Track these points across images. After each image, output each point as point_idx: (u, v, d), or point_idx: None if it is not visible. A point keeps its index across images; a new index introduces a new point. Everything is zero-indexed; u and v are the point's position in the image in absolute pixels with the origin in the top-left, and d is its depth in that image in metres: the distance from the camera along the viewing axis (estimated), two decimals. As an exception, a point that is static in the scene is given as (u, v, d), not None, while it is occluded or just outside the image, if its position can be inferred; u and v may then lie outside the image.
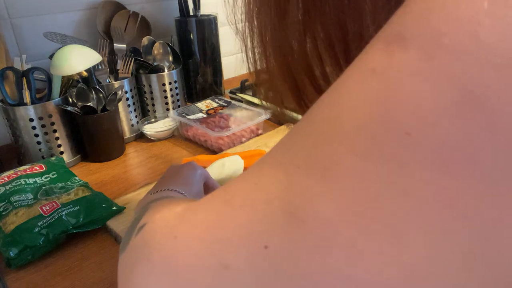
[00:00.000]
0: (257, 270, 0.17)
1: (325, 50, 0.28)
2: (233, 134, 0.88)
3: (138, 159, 0.87)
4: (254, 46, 0.31)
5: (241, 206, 0.19)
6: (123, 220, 0.63)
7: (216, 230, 0.19)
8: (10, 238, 0.55)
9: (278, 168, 0.18)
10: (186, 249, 0.20)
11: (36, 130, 0.79)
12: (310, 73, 0.29)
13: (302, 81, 0.30)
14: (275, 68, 0.31)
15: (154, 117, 0.99)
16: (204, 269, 0.19)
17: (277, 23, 0.28)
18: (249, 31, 0.31)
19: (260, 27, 0.30)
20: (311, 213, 0.16)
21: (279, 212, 0.17)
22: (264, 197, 0.18)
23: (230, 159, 0.74)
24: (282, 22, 0.28)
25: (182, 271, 0.20)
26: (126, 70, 0.94)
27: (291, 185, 0.17)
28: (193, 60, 1.12)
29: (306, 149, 0.17)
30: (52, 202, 0.61)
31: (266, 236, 0.17)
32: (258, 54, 0.31)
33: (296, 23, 0.27)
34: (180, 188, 0.46)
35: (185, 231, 0.21)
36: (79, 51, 0.80)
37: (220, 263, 0.18)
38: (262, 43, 0.30)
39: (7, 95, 0.78)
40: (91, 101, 0.84)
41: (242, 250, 0.18)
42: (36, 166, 0.71)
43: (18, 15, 0.90)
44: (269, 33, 0.29)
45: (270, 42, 0.30)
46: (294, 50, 0.29)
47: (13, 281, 0.54)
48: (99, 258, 0.57)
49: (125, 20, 1.02)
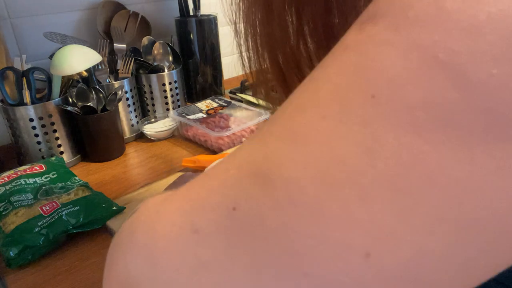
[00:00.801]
0: (226, 231, 0.18)
1: (313, 44, 0.29)
2: (233, 134, 0.88)
3: (138, 159, 0.87)
4: (248, 45, 0.32)
5: (216, 174, 0.20)
6: (123, 220, 0.63)
7: (192, 199, 0.20)
8: (10, 238, 0.55)
9: (255, 138, 0.19)
10: (164, 220, 0.21)
11: (36, 130, 0.79)
12: (299, 70, 0.30)
13: (292, 79, 0.31)
14: (268, 67, 0.32)
15: (154, 117, 0.99)
16: (177, 236, 0.19)
17: (265, 16, 0.29)
18: (244, 30, 0.32)
19: (250, 22, 0.31)
20: (278, 174, 0.16)
21: (247, 174, 0.18)
22: (237, 163, 0.19)
23: (230, 159, 0.74)
24: (269, 15, 0.29)
25: (159, 240, 0.20)
26: (126, 70, 0.94)
27: (262, 149, 0.18)
28: (193, 60, 1.12)
29: (283, 119, 0.18)
30: (52, 202, 0.61)
31: (235, 198, 0.18)
32: (252, 53, 0.32)
33: (283, 14, 0.29)
34: None
35: (166, 205, 0.22)
36: (79, 51, 0.81)
37: (191, 229, 0.19)
38: (254, 41, 0.31)
39: (7, 95, 0.78)
40: (91, 101, 0.84)
41: (211, 214, 0.18)
42: (36, 166, 0.71)
43: (18, 15, 0.90)
44: (258, 28, 0.30)
45: (260, 37, 0.31)
46: (283, 44, 0.30)
47: (13, 281, 0.54)
48: (99, 258, 0.57)
49: (125, 20, 1.02)
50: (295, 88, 0.25)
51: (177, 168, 0.81)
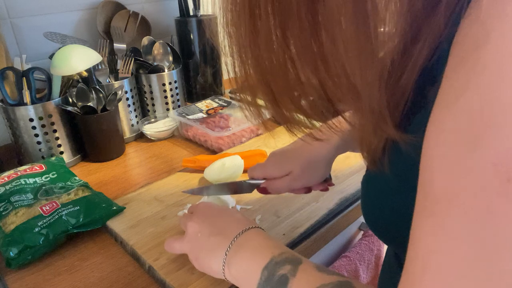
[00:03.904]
0: None
1: (299, 60, 0.30)
2: (233, 134, 0.88)
3: (138, 159, 0.87)
4: (233, 56, 0.33)
5: None
6: (123, 220, 0.63)
7: None
8: (10, 238, 0.55)
9: None
10: None
11: (36, 130, 0.79)
12: (285, 82, 0.31)
13: (276, 86, 0.32)
14: (253, 75, 0.32)
15: (154, 117, 0.99)
16: None
17: (252, 41, 0.30)
18: (228, 46, 0.32)
19: (238, 45, 0.32)
20: None
21: None
22: None
23: (230, 159, 0.74)
24: (256, 40, 0.30)
25: None
26: (126, 70, 0.94)
27: None
28: (193, 60, 1.12)
29: None
30: (52, 202, 0.61)
31: None
32: (237, 62, 0.33)
33: (269, 40, 0.29)
34: (247, 223, 0.48)
35: None
36: (79, 51, 0.81)
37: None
38: (240, 55, 0.32)
39: (7, 95, 0.78)
40: (91, 101, 0.84)
41: None
42: (36, 166, 0.71)
43: (18, 15, 0.90)
44: (245, 50, 0.31)
45: (245, 55, 0.32)
46: (269, 60, 0.31)
47: (13, 281, 0.54)
48: (99, 258, 0.57)
49: (125, 20, 1.02)
50: (281, 98, 0.26)
51: (177, 168, 0.81)
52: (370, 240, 0.80)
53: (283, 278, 0.39)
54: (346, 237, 0.81)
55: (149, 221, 0.63)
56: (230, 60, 0.33)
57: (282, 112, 0.34)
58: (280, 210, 0.64)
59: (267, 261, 0.41)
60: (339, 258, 0.77)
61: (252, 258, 0.43)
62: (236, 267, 0.43)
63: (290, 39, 0.29)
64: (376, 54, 0.28)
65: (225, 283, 0.50)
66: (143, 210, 0.66)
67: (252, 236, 0.45)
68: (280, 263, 0.40)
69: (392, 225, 0.35)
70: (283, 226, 0.60)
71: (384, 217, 0.35)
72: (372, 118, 0.30)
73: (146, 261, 0.54)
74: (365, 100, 0.29)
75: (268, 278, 0.40)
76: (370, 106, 0.29)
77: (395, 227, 0.34)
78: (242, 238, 0.45)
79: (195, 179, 0.75)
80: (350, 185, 0.70)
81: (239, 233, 0.45)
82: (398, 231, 0.34)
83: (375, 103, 0.29)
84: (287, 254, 0.42)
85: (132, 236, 0.59)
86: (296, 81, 0.31)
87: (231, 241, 0.45)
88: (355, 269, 0.76)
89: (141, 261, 0.55)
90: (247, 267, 0.42)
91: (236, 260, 0.44)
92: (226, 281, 0.46)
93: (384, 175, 0.34)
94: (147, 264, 0.54)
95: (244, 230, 0.46)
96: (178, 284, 0.50)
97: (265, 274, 0.40)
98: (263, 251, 0.43)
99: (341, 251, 0.81)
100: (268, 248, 0.43)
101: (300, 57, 0.29)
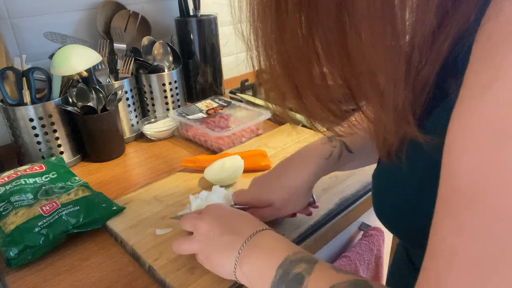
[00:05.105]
0: None
1: (324, 56, 0.29)
2: (233, 134, 0.88)
3: (138, 159, 0.87)
4: (259, 51, 0.32)
5: None
6: (123, 220, 0.63)
7: None
8: (10, 238, 0.55)
9: None
10: None
11: (36, 130, 0.79)
12: (309, 74, 0.30)
13: (301, 81, 0.31)
14: (278, 69, 0.32)
15: (154, 117, 0.99)
16: None
17: (278, 36, 0.30)
18: (254, 42, 0.32)
19: (263, 40, 0.31)
20: None
21: None
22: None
23: (230, 159, 0.74)
24: (282, 35, 0.30)
25: None
26: (126, 70, 0.94)
27: None
28: (193, 60, 1.12)
29: None
30: (52, 202, 0.61)
31: None
32: (262, 57, 0.32)
33: (295, 35, 0.29)
34: (260, 225, 0.48)
35: None
36: (79, 51, 0.81)
37: None
38: (265, 50, 0.32)
39: (7, 95, 0.78)
40: (91, 101, 0.84)
41: None
42: (36, 166, 0.71)
43: (18, 15, 0.90)
44: (271, 45, 0.31)
45: (271, 50, 0.31)
46: (294, 56, 0.30)
47: (13, 281, 0.54)
48: (99, 258, 0.57)
49: (125, 20, 1.02)
50: (304, 90, 0.26)
51: (177, 168, 0.81)
52: (370, 240, 0.80)
53: (299, 276, 0.38)
54: (346, 237, 0.81)
55: (149, 221, 0.63)
56: (255, 54, 0.33)
57: (305, 107, 0.33)
58: (280, 210, 0.63)
59: (282, 260, 0.41)
60: (339, 258, 0.76)
61: (266, 257, 0.42)
62: (249, 266, 0.43)
63: (316, 34, 0.29)
64: (403, 48, 0.28)
65: (226, 283, 0.50)
66: (143, 210, 0.66)
67: (266, 236, 0.45)
68: (295, 261, 0.40)
69: (404, 218, 0.34)
70: (283, 226, 0.60)
71: (396, 210, 0.35)
72: (394, 115, 0.29)
73: (146, 261, 0.54)
74: (388, 96, 0.29)
75: (283, 276, 0.39)
76: (394, 102, 0.29)
77: (407, 220, 0.34)
78: (256, 237, 0.45)
79: (195, 179, 0.75)
80: (350, 185, 0.70)
81: (253, 233, 0.45)
82: (410, 224, 0.34)
83: (399, 98, 0.28)
84: (302, 253, 0.41)
85: (132, 236, 0.59)
86: (320, 77, 0.31)
87: (245, 240, 0.45)
88: (355, 269, 0.76)
89: (141, 261, 0.55)
90: (261, 266, 0.42)
91: (249, 259, 0.43)
92: (236, 280, 0.46)
93: (397, 168, 0.33)
94: (147, 264, 0.54)
95: (258, 230, 0.46)
96: (178, 284, 0.50)
97: (280, 272, 0.40)
98: (278, 250, 0.42)
99: (341, 251, 0.81)
100: (283, 248, 0.43)
101: (325, 52, 0.29)
